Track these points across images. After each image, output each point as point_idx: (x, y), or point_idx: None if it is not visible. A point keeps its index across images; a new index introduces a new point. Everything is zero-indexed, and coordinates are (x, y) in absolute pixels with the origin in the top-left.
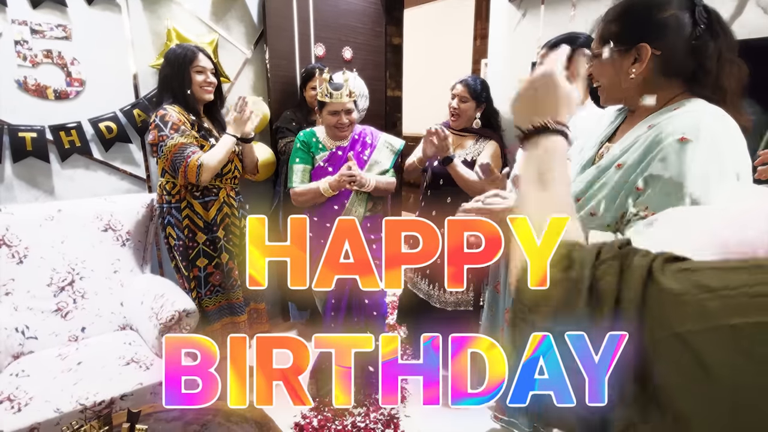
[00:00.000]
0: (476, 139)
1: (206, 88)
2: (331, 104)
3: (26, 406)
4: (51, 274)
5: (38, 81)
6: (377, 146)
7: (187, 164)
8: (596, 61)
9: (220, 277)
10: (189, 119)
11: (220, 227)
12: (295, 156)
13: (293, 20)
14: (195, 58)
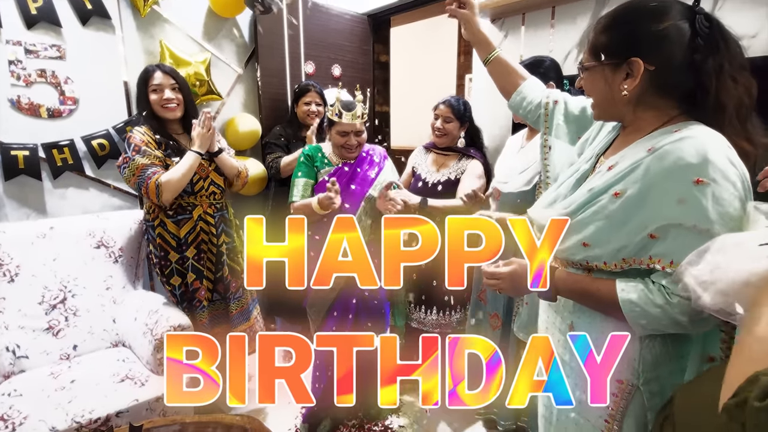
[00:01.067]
0: (459, 158)
1: (166, 106)
2: (340, 124)
3: (20, 425)
4: (43, 292)
5: (31, 100)
6: (385, 167)
7: (147, 185)
8: (586, 74)
9: (204, 292)
10: (154, 139)
11: (191, 246)
12: (298, 170)
13: (284, 39)
14: (149, 78)
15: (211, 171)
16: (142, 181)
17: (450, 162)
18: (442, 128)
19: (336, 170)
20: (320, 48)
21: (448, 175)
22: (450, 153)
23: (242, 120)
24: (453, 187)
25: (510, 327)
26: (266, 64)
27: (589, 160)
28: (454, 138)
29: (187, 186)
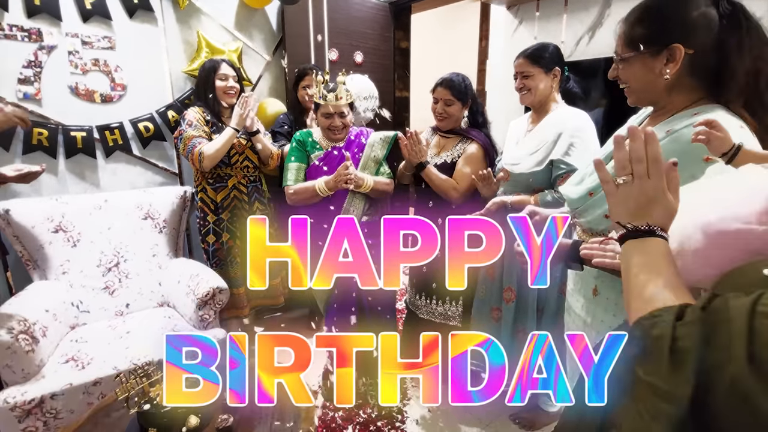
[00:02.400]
0: (459, 141)
1: (228, 93)
2: (324, 106)
3: (89, 364)
4: (100, 256)
5: (87, 86)
6: (368, 143)
7: (193, 153)
8: (624, 64)
9: (238, 250)
10: (205, 118)
11: (226, 210)
12: (291, 155)
13: (309, 28)
14: (218, 68)
15: (246, 148)
16: (189, 149)
17: (450, 145)
18: (443, 112)
19: (326, 154)
20: (343, 35)
21: (444, 158)
22: (452, 135)
23: (270, 104)
24: (448, 171)
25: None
26: (292, 52)
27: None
28: (457, 120)
29: (225, 158)
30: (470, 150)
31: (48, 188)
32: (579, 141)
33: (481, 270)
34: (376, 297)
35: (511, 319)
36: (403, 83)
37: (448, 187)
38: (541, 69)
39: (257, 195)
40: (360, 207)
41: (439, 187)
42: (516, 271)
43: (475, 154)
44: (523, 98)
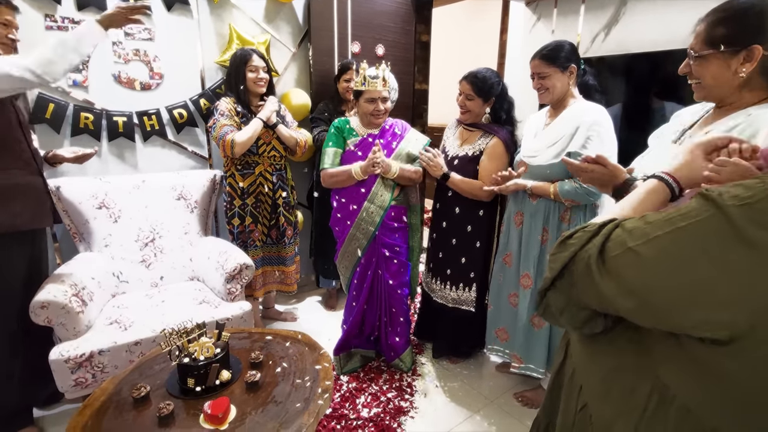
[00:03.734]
0: (481, 135)
1: (258, 83)
2: (367, 92)
3: (130, 327)
4: (138, 232)
5: (128, 75)
6: (405, 137)
7: (225, 141)
8: (699, 60)
9: (258, 234)
10: (236, 108)
11: (251, 195)
12: (329, 140)
13: (333, 21)
14: (249, 59)
15: (273, 138)
16: (221, 137)
17: (473, 138)
18: (464, 105)
19: (361, 141)
20: (366, 28)
21: (467, 150)
22: (474, 129)
23: (295, 95)
24: (469, 164)
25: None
26: (317, 44)
27: (677, 132)
28: (477, 115)
29: (253, 147)
30: (492, 145)
31: (93, 168)
32: (596, 134)
33: (496, 256)
34: (395, 275)
35: (528, 305)
36: (423, 76)
37: (475, 188)
38: (557, 68)
39: (281, 183)
40: (387, 193)
41: (467, 192)
42: (533, 258)
43: (498, 149)
44: (542, 97)
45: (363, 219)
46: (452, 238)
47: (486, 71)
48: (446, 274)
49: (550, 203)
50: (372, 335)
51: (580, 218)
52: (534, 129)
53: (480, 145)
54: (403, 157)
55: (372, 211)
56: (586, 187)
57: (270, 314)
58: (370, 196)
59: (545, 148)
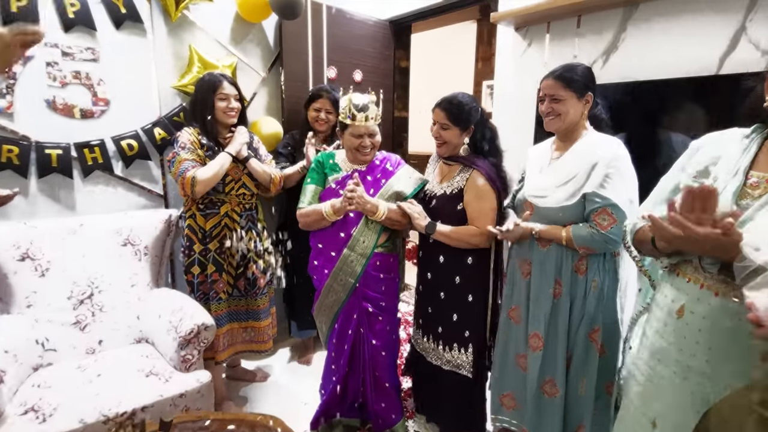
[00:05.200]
0: (461, 168)
1: (229, 113)
2: (353, 126)
3: (51, 416)
4: (71, 287)
5: (66, 100)
6: (397, 173)
7: (184, 178)
8: None
9: (222, 285)
10: (200, 140)
11: (215, 239)
12: (309, 176)
13: (308, 44)
14: (219, 86)
15: (243, 174)
16: (181, 174)
17: (452, 173)
18: (439, 136)
19: (345, 178)
20: (343, 53)
21: (445, 188)
22: (453, 163)
23: (265, 123)
24: (450, 203)
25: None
26: (290, 69)
27: (733, 175)
28: (455, 146)
29: (219, 184)
30: (477, 182)
31: (17, 211)
32: (615, 171)
33: (501, 310)
34: (379, 335)
35: (539, 369)
36: (402, 103)
37: (467, 236)
38: (573, 93)
39: (251, 224)
40: (371, 239)
41: (459, 241)
42: (544, 315)
43: (479, 185)
44: (550, 123)
45: (341, 269)
46: (440, 292)
47: (462, 96)
48: (437, 333)
49: (563, 250)
50: (356, 401)
51: (598, 269)
52: (538, 163)
53: (459, 182)
54: (391, 196)
55: (352, 260)
56: (606, 234)
57: (236, 374)
58: (350, 241)
59: (555, 187)
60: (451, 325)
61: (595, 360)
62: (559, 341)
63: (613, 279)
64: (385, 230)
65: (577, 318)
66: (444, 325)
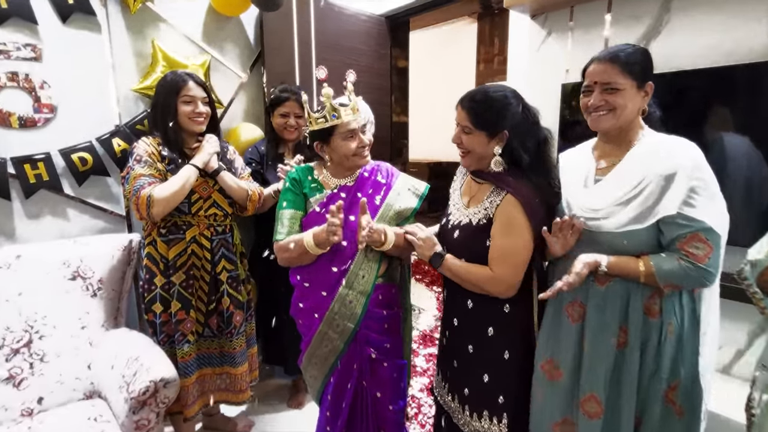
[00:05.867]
0: (492, 190)
1: (195, 119)
2: (343, 125)
3: None
4: (3, 334)
5: (0, 107)
6: (394, 187)
7: (139, 197)
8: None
9: (190, 325)
10: (160, 152)
11: (179, 270)
12: (283, 199)
13: (293, 41)
14: (183, 87)
15: (214, 191)
16: (134, 192)
17: (482, 194)
18: (460, 143)
19: (330, 197)
20: (334, 51)
21: (471, 215)
22: (484, 181)
23: (244, 130)
24: (475, 237)
25: None
26: (273, 69)
27: None
28: (481, 157)
29: (184, 204)
30: (508, 210)
31: None
32: (703, 185)
33: (535, 363)
34: (384, 386)
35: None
36: (401, 107)
37: (479, 279)
38: (633, 82)
39: (224, 251)
40: (373, 270)
41: (471, 283)
42: (604, 373)
43: (516, 217)
44: (600, 120)
45: (337, 312)
46: (467, 344)
47: (493, 90)
48: (464, 395)
49: (629, 287)
50: None
51: (674, 309)
52: (579, 174)
53: (489, 208)
54: (392, 217)
55: (351, 300)
56: (704, 267)
57: (214, 424)
58: (347, 277)
59: (613, 205)
60: (482, 387)
61: (675, 426)
62: (624, 405)
63: (693, 321)
64: (385, 258)
65: (649, 373)
66: (472, 386)
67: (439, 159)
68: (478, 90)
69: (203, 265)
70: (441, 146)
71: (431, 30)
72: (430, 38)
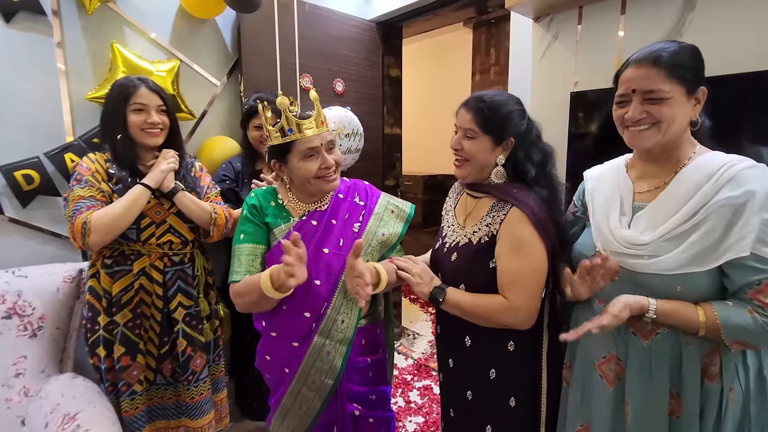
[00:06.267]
0: (493, 204)
1: (149, 131)
2: (302, 141)
3: None
4: None
5: None
6: (375, 210)
7: (74, 223)
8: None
9: (137, 372)
10: (105, 169)
11: (124, 308)
12: (240, 231)
13: (275, 47)
14: (133, 93)
15: (170, 215)
16: (70, 217)
17: (481, 211)
18: (460, 148)
19: (299, 225)
20: (319, 57)
21: (470, 234)
22: (482, 195)
23: (219, 145)
24: (476, 259)
25: None
26: (252, 77)
27: None
28: (482, 167)
29: (132, 230)
30: (516, 226)
31: None
32: None
33: (565, 429)
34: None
35: None
36: (394, 118)
37: (493, 311)
38: (682, 88)
39: (181, 284)
40: (354, 313)
41: (480, 317)
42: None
43: (527, 234)
44: (642, 137)
45: (313, 366)
46: (466, 389)
47: (498, 94)
48: None
49: (681, 343)
50: None
51: (737, 370)
52: (614, 199)
53: (491, 225)
54: (374, 247)
55: (329, 351)
56: None
57: None
58: (323, 324)
59: (663, 240)
60: None
61: None
62: None
63: (760, 385)
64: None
65: None
66: None
67: (434, 172)
68: (484, 92)
69: (153, 302)
70: (435, 159)
71: (424, 41)
72: (423, 48)
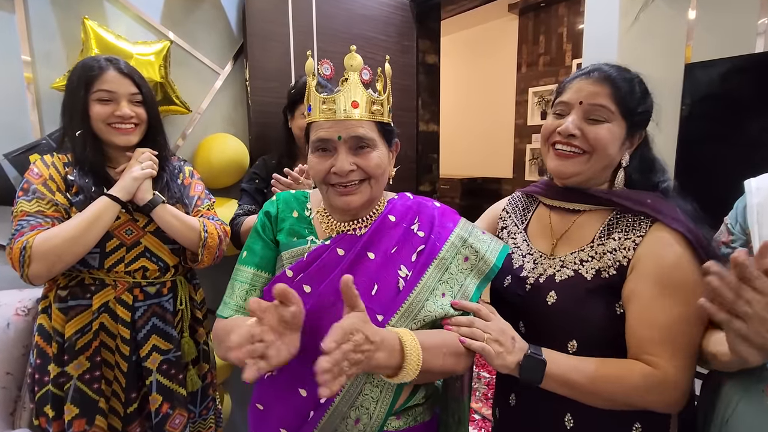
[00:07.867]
0: (611, 215)
1: (117, 126)
2: (314, 127)
3: None
4: None
5: None
6: (441, 253)
7: (12, 247)
8: None
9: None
10: (63, 175)
11: (79, 356)
12: (246, 247)
13: (288, 28)
14: (96, 78)
15: (146, 234)
16: (11, 239)
17: (586, 230)
18: (580, 133)
19: (316, 253)
20: (341, 41)
21: (576, 266)
22: (585, 207)
23: (219, 144)
24: (592, 300)
25: None
26: (260, 63)
27: None
28: (605, 166)
29: (92, 255)
30: (665, 250)
31: None
32: None
33: None
34: None
35: None
36: (431, 113)
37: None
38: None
39: (158, 323)
40: (381, 405)
41: (609, 397)
42: None
43: (686, 262)
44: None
45: None
46: None
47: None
48: None
49: None
50: None
51: None
52: None
53: (618, 249)
54: (422, 315)
55: None
56: None
57: None
58: (325, 419)
59: None
60: None
61: None
62: None
63: None
64: (402, 387)
65: None
66: None
67: (473, 174)
68: (616, 65)
69: (119, 347)
70: (474, 160)
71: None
72: (461, 39)
